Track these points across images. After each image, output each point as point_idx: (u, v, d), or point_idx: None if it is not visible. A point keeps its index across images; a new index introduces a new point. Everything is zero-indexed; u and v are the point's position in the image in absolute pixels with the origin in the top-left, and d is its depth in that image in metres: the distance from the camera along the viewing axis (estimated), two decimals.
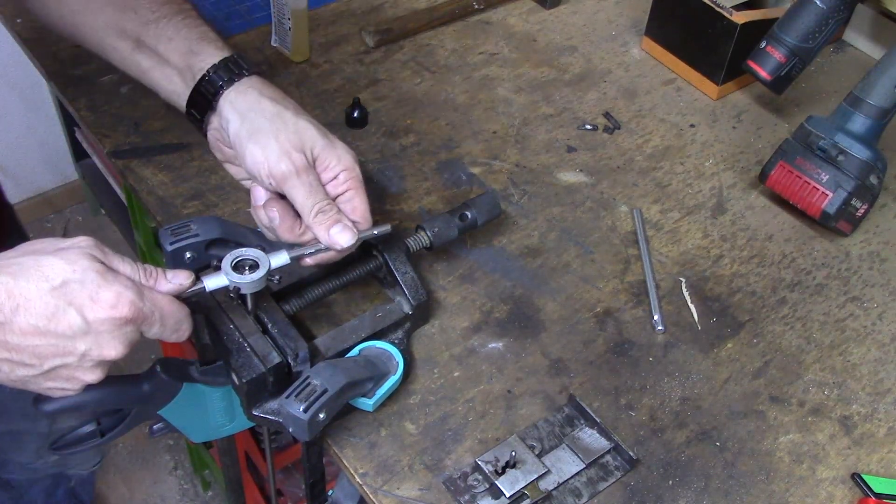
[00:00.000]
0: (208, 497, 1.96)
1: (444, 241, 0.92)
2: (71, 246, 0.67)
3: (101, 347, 0.66)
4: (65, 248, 0.66)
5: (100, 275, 0.66)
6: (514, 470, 0.79)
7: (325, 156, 0.81)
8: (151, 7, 0.87)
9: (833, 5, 1.05)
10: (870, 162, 1.00)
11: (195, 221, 0.83)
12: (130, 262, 0.70)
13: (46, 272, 0.64)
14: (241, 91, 0.83)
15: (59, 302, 0.64)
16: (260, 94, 0.83)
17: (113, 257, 0.69)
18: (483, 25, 1.29)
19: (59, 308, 0.64)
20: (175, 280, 0.72)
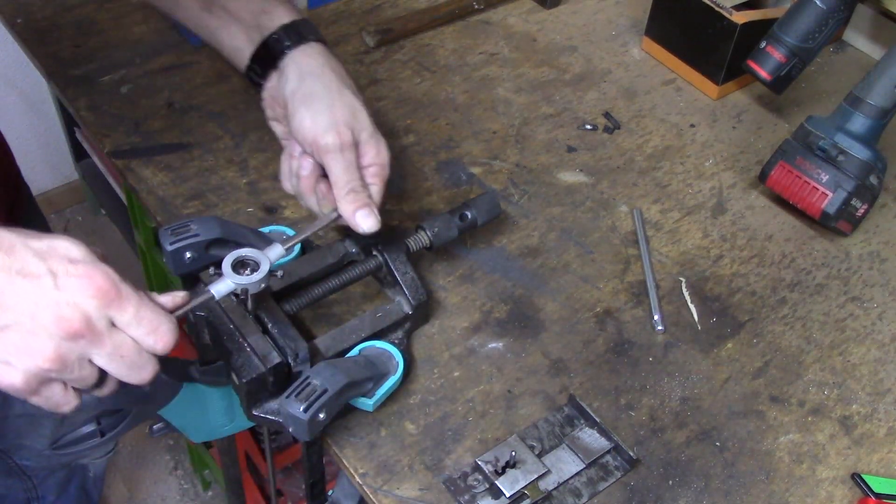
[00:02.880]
0: (208, 497, 1.96)
1: (444, 241, 0.92)
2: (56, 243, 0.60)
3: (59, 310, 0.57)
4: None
5: (93, 257, 0.60)
6: (514, 470, 0.79)
7: (369, 144, 0.84)
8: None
9: (833, 5, 1.05)
10: (870, 162, 1.00)
11: (195, 221, 0.83)
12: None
13: (43, 238, 0.59)
14: (307, 54, 0.85)
15: (38, 255, 0.57)
16: (325, 62, 0.85)
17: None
18: (483, 25, 1.29)
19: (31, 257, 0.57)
20: (166, 297, 0.67)
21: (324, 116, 0.82)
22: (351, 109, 0.83)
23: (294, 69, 0.85)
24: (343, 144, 0.81)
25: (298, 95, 0.83)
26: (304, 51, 0.85)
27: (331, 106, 0.82)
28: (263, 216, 1.00)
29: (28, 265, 0.57)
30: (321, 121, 0.82)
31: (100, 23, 1.22)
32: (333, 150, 0.81)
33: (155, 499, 1.96)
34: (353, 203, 0.81)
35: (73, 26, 1.21)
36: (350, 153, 0.82)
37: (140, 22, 1.23)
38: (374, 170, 0.84)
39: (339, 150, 0.81)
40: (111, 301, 0.59)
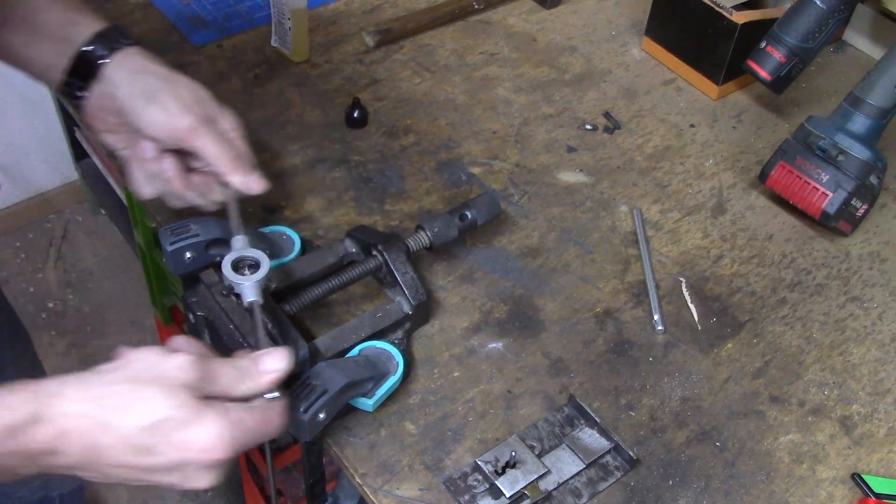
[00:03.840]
0: (208, 497, 1.96)
1: (444, 241, 0.92)
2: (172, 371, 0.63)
3: (190, 482, 0.64)
4: (166, 376, 0.63)
5: (195, 412, 0.62)
6: (514, 470, 0.79)
7: (218, 114, 0.84)
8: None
9: (833, 5, 1.05)
10: (870, 162, 1.00)
11: (195, 221, 0.83)
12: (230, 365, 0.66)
13: (141, 408, 0.61)
14: (128, 55, 0.84)
15: (151, 441, 0.61)
16: (148, 59, 0.84)
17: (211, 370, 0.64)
18: (483, 25, 1.29)
19: (150, 447, 0.61)
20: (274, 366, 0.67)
21: (173, 103, 0.81)
22: (191, 89, 0.83)
23: (121, 73, 0.83)
24: (204, 119, 0.81)
25: (138, 95, 0.82)
26: (124, 53, 0.83)
27: (174, 93, 0.82)
28: (263, 216, 1.00)
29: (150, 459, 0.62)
30: (173, 108, 0.81)
31: None
32: (198, 129, 0.81)
33: (155, 499, 1.96)
34: (242, 169, 0.82)
35: None
36: (213, 125, 0.82)
37: (140, 22, 1.23)
38: (234, 135, 0.84)
39: (203, 126, 0.81)
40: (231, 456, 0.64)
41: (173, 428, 0.61)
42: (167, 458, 0.62)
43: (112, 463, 0.62)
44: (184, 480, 0.64)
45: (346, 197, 1.03)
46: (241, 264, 0.78)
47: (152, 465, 0.62)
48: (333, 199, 1.03)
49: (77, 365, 2.08)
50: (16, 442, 0.59)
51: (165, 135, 0.82)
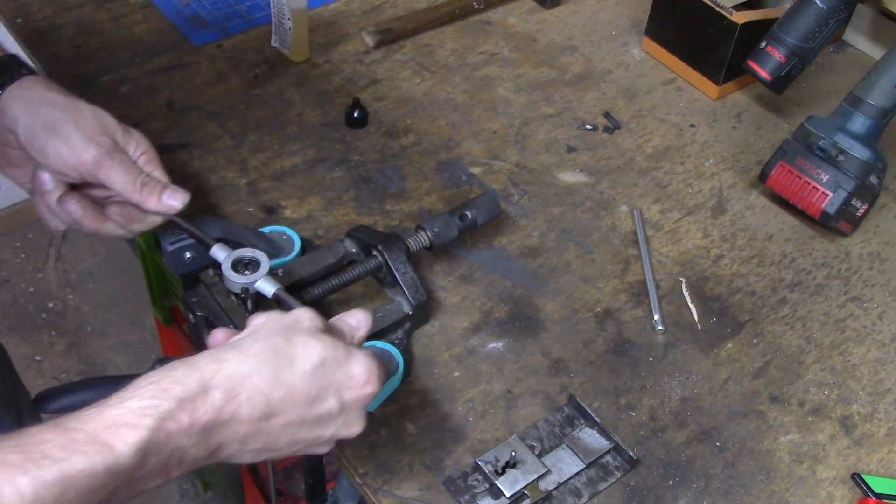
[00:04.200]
0: (208, 497, 1.96)
1: (444, 241, 0.92)
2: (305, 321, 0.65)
3: (349, 428, 0.66)
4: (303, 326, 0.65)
5: (345, 350, 0.65)
6: (514, 470, 0.79)
7: (126, 140, 0.81)
8: None
9: (833, 5, 1.05)
10: (870, 162, 1.00)
11: (195, 221, 0.83)
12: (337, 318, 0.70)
13: (302, 354, 0.63)
14: (25, 87, 0.80)
15: (317, 387, 0.63)
16: (46, 88, 0.80)
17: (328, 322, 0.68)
18: (483, 25, 1.29)
19: (318, 393, 0.63)
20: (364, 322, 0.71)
21: (75, 135, 0.77)
22: (94, 117, 0.80)
23: (18, 106, 0.79)
24: (109, 150, 0.78)
25: (38, 128, 0.78)
26: (20, 85, 0.80)
27: (76, 123, 0.78)
28: (263, 216, 1.00)
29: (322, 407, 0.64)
30: (76, 140, 0.77)
31: (100, 23, 1.22)
32: (103, 160, 0.78)
33: (155, 499, 1.96)
34: (154, 193, 0.80)
35: (73, 26, 1.21)
36: (119, 154, 0.79)
37: (140, 22, 1.23)
38: (145, 158, 0.82)
39: (108, 157, 0.78)
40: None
41: (333, 368, 0.63)
42: (333, 401, 0.63)
43: (284, 421, 0.62)
44: (344, 427, 0.65)
45: (346, 197, 1.03)
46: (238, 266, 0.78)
47: (320, 414, 0.63)
48: (333, 199, 1.03)
49: (77, 365, 2.08)
50: (189, 415, 0.58)
51: (70, 169, 0.78)
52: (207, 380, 0.59)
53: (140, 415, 0.56)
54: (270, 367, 0.61)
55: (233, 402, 0.60)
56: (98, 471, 0.53)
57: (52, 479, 0.51)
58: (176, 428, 0.57)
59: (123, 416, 0.56)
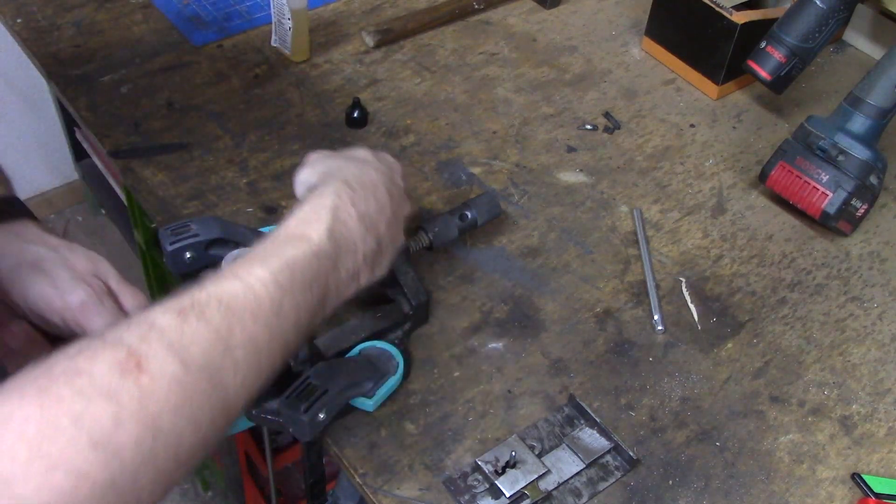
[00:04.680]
0: (208, 497, 1.96)
1: (444, 241, 0.92)
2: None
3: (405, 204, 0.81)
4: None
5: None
6: (514, 470, 0.79)
7: (121, 288, 0.74)
8: None
9: (833, 5, 1.05)
10: (870, 162, 1.00)
11: (195, 221, 0.83)
12: None
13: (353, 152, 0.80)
14: (18, 227, 0.74)
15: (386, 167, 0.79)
16: (41, 230, 0.75)
17: None
18: (483, 25, 1.29)
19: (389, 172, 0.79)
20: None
21: (64, 275, 0.70)
22: (88, 259, 0.73)
23: (4, 244, 0.71)
24: (99, 294, 0.71)
25: (24, 267, 0.70)
26: (12, 225, 0.74)
27: (64, 262, 0.71)
28: (263, 216, 1.00)
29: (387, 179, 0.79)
30: (63, 280, 0.70)
31: (100, 23, 1.22)
32: (91, 306, 0.70)
33: None
34: None
35: (73, 26, 1.21)
36: (108, 300, 0.72)
37: (140, 22, 1.23)
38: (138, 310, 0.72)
39: (96, 303, 0.70)
40: None
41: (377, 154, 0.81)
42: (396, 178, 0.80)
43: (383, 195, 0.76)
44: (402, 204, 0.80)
45: None
46: None
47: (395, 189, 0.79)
48: None
49: None
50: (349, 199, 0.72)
51: (53, 313, 0.70)
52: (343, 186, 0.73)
53: (313, 213, 0.69)
54: (361, 165, 0.76)
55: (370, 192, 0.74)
56: (308, 256, 0.66)
57: (278, 266, 0.62)
58: (349, 216, 0.71)
59: (302, 220, 0.69)
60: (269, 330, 0.60)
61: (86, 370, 0.49)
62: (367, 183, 0.74)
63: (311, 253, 0.66)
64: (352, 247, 0.71)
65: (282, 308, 0.61)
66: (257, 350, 0.58)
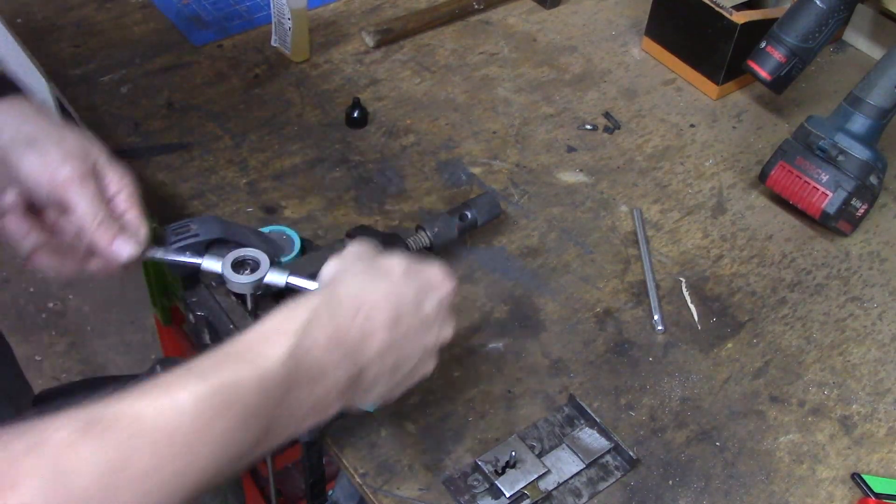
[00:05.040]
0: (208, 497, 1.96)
1: (444, 241, 0.92)
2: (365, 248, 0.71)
3: (444, 329, 0.71)
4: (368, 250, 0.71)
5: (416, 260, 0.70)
6: (514, 470, 0.79)
7: (109, 169, 0.78)
8: None
9: (833, 5, 1.05)
10: (870, 162, 1.00)
11: (195, 221, 0.83)
12: None
13: (390, 264, 0.68)
14: (13, 103, 0.78)
15: (416, 287, 0.68)
16: (38, 110, 0.78)
17: None
18: (483, 25, 1.29)
19: (419, 294, 0.68)
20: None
21: (54, 151, 0.74)
22: (78, 140, 0.76)
23: (5, 118, 0.76)
24: (83, 174, 0.74)
25: (18, 142, 0.75)
26: (12, 102, 0.77)
27: (59, 141, 0.75)
28: (263, 216, 1.00)
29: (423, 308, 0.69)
30: (53, 156, 0.74)
31: (100, 23, 1.22)
32: (73, 182, 0.74)
33: None
34: (107, 233, 0.75)
35: (73, 26, 1.21)
36: (91, 183, 0.75)
37: (140, 22, 1.23)
38: (124, 195, 0.78)
39: (79, 181, 0.74)
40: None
41: (417, 271, 0.69)
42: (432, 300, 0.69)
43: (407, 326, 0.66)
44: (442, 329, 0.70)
45: (346, 197, 1.03)
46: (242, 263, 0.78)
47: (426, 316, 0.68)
48: (333, 199, 1.03)
49: (77, 365, 2.08)
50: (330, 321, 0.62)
51: (41, 186, 0.74)
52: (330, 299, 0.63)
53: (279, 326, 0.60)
54: (374, 280, 0.67)
55: (361, 314, 0.64)
56: (252, 382, 0.56)
57: (213, 388, 0.54)
58: (322, 337, 0.61)
59: (262, 334, 0.60)
60: (184, 460, 0.52)
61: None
62: (366, 300, 0.65)
63: (256, 378, 0.56)
64: (317, 374, 0.61)
65: (205, 437, 0.53)
66: (162, 482, 0.51)
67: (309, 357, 0.60)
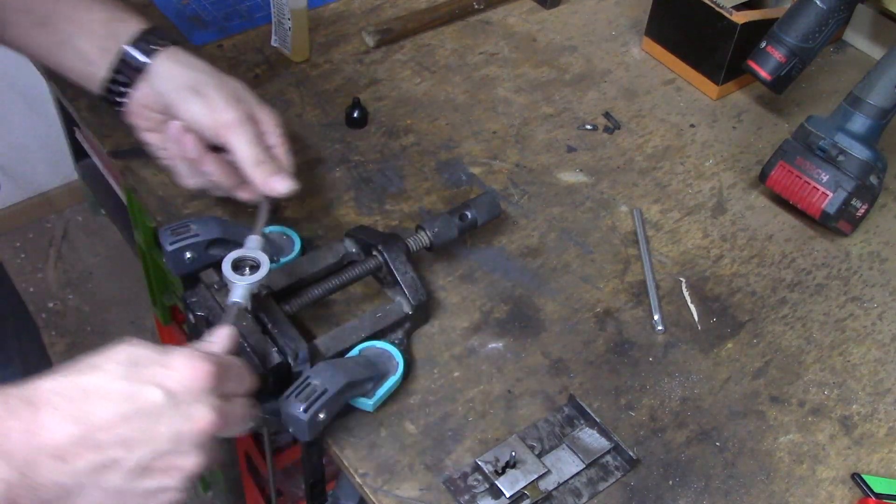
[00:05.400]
0: (208, 497, 1.96)
1: (444, 241, 0.92)
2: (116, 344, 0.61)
3: (191, 420, 0.59)
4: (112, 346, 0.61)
5: (161, 348, 0.61)
6: (514, 470, 0.79)
7: (261, 113, 0.87)
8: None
9: (833, 5, 1.05)
10: (870, 162, 1.00)
11: (195, 221, 0.83)
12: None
13: (111, 356, 0.59)
14: (173, 52, 0.86)
15: (134, 381, 0.58)
16: (193, 57, 0.87)
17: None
18: (483, 25, 1.29)
19: (136, 387, 0.58)
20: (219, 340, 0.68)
21: (217, 96, 0.83)
22: (234, 87, 0.86)
23: (168, 67, 0.85)
24: (242, 118, 0.83)
25: (182, 87, 0.84)
26: (170, 51, 0.86)
27: (218, 87, 0.84)
28: None
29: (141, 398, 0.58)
30: (217, 101, 0.83)
31: None
32: (235, 125, 0.83)
33: None
34: (265, 171, 0.84)
35: None
36: (251, 125, 0.84)
37: None
38: (273, 137, 0.87)
39: (240, 124, 0.83)
40: (220, 379, 0.62)
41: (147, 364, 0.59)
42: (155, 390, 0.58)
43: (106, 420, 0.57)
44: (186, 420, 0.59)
45: (346, 197, 1.03)
46: (241, 264, 0.78)
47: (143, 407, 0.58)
48: (333, 199, 1.03)
49: None
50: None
51: (205, 128, 0.83)
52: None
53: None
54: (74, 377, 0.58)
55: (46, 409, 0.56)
56: None
57: None
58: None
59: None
60: None
61: None
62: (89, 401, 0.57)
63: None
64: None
65: None
66: None
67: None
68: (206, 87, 0.84)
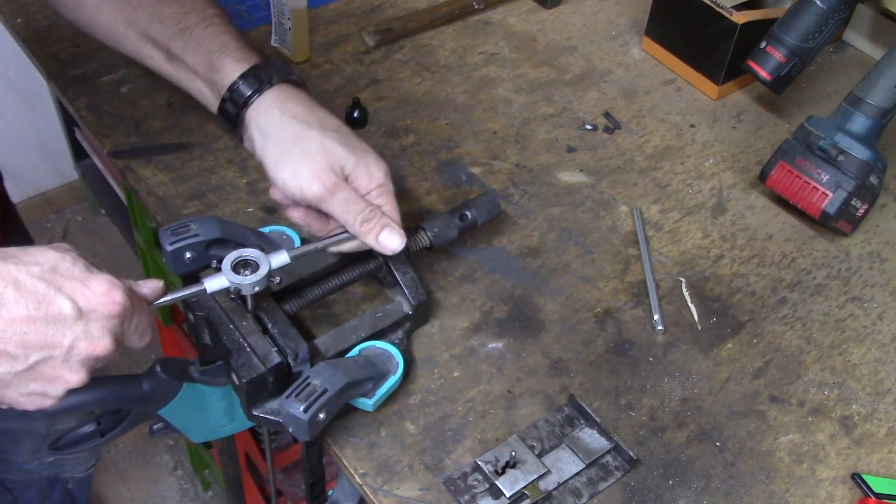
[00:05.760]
0: (208, 497, 1.96)
1: (444, 241, 0.92)
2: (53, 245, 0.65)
3: (91, 340, 0.63)
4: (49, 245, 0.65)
5: (88, 266, 0.64)
6: (514, 470, 0.79)
7: (357, 174, 0.82)
8: (175, 17, 0.87)
9: (833, 5, 1.05)
10: (870, 162, 1.00)
11: (195, 221, 0.83)
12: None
13: (36, 258, 0.62)
14: (262, 110, 0.84)
15: (51, 286, 0.61)
16: (282, 112, 0.83)
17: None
18: (483, 25, 1.29)
19: (51, 292, 0.61)
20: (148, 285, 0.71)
21: (302, 171, 0.80)
22: (322, 151, 0.81)
23: (255, 129, 0.84)
24: (331, 189, 0.80)
25: (269, 156, 0.82)
26: (258, 107, 0.84)
27: (303, 158, 0.81)
28: (263, 216, 1.00)
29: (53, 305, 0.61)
30: (302, 174, 0.80)
31: None
32: (325, 198, 0.80)
33: (155, 499, 1.96)
34: (372, 231, 0.81)
35: (73, 26, 1.21)
36: (342, 192, 0.81)
37: None
38: (376, 192, 0.83)
39: (330, 196, 0.80)
40: (127, 314, 0.66)
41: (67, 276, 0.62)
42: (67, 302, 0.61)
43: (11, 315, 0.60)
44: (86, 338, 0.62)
45: None
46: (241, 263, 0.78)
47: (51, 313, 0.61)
48: None
49: None
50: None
51: (298, 198, 0.82)
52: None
53: None
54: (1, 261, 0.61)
55: None
56: None
57: None
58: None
59: None
60: None
61: None
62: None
63: None
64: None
65: None
66: None
67: None
68: (292, 160, 0.81)
